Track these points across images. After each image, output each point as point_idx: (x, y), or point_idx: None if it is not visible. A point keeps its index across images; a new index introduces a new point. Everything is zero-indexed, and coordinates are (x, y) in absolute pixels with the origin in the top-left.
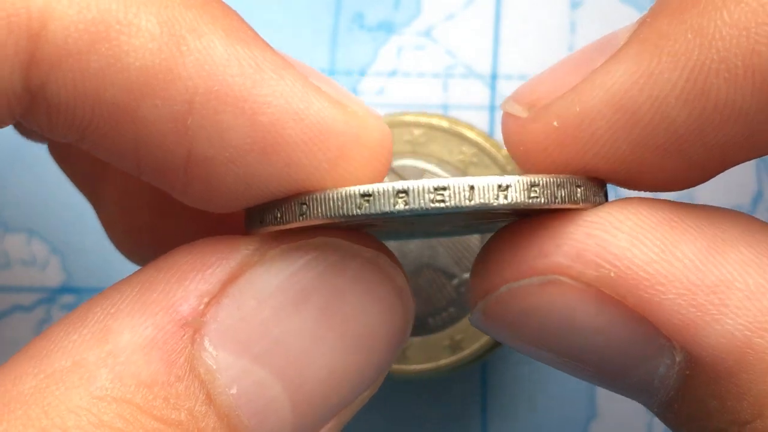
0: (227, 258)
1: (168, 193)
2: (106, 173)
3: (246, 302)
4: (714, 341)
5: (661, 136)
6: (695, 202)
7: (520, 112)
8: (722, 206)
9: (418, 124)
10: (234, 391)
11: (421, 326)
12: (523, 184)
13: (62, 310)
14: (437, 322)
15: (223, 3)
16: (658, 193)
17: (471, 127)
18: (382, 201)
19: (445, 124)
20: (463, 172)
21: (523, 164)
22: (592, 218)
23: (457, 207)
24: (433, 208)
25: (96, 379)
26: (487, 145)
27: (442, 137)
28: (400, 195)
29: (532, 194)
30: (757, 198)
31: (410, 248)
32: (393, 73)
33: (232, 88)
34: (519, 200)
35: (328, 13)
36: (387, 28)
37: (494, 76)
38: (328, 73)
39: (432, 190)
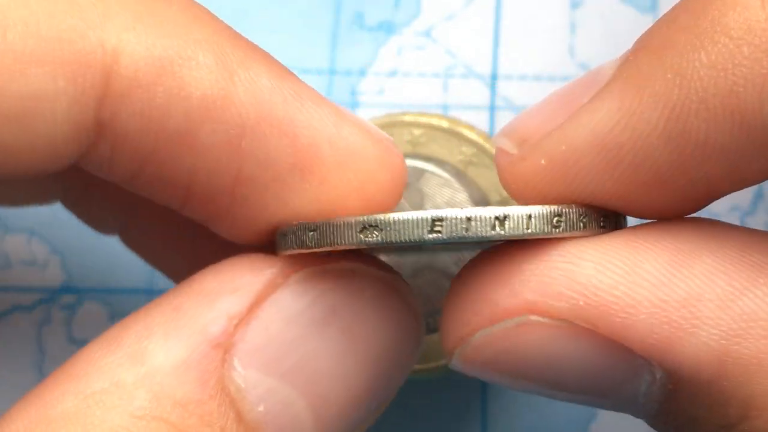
0: (254, 280)
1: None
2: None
3: (273, 323)
4: (691, 355)
5: (644, 173)
6: None
7: (510, 148)
8: (721, 207)
9: (418, 124)
10: (261, 408)
11: None
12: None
13: (62, 310)
14: (437, 322)
15: (261, 48)
16: None
17: (471, 127)
18: (452, 227)
19: (445, 124)
20: (463, 173)
21: (517, 198)
22: (556, 250)
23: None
24: (463, 236)
25: (134, 399)
26: (486, 145)
27: (442, 137)
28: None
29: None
30: (757, 198)
31: None
32: (393, 73)
33: (278, 114)
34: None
35: (328, 13)
36: (387, 28)
37: (494, 76)
38: (328, 73)
39: (465, 220)
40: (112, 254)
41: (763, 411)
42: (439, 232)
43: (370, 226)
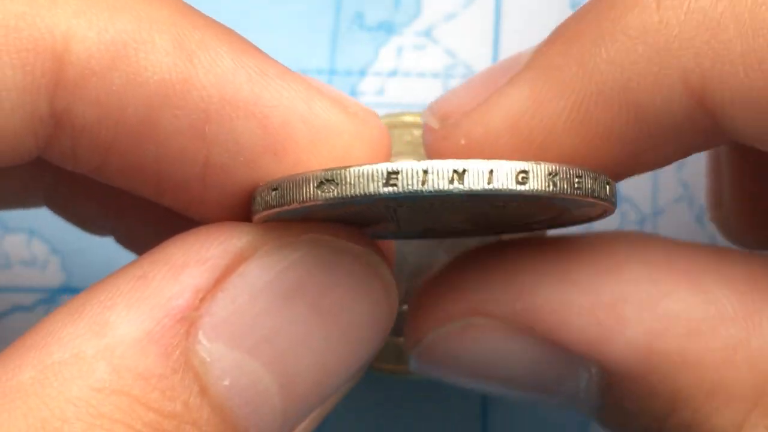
0: (222, 252)
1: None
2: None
3: (240, 296)
4: (619, 352)
5: (553, 156)
6: (694, 204)
7: (433, 123)
8: None
9: (418, 125)
10: (227, 382)
11: None
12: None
13: None
14: None
15: (224, 24)
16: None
17: None
18: (408, 180)
19: None
20: None
21: None
22: (497, 260)
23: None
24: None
25: (95, 371)
26: None
27: None
28: (392, 176)
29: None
30: None
31: (410, 250)
32: (393, 73)
33: (243, 94)
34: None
35: (328, 13)
36: (387, 28)
37: None
38: (328, 73)
39: (421, 173)
40: (112, 254)
41: (689, 403)
42: (395, 185)
43: (327, 180)
